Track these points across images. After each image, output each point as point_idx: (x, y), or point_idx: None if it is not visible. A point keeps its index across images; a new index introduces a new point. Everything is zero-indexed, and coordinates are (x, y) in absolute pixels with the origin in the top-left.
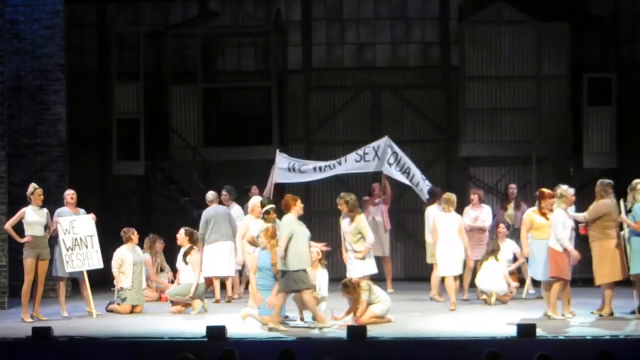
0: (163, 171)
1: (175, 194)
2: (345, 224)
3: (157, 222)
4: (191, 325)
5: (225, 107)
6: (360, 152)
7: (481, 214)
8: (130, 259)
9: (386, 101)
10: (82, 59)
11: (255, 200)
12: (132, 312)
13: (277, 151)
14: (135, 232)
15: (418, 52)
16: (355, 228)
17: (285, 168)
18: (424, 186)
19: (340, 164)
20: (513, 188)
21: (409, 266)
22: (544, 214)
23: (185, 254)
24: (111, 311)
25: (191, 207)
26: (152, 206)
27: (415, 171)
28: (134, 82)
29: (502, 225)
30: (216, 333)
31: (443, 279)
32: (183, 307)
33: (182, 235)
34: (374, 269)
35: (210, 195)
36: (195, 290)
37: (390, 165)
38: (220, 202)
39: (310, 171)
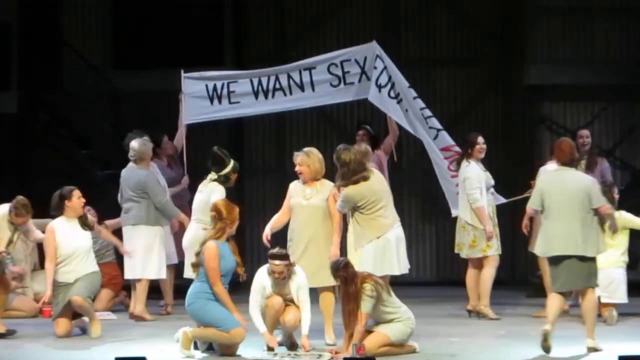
0: (49, 107)
1: (66, 142)
2: None
3: (37, 185)
4: (89, 355)
5: (146, 10)
6: (338, 70)
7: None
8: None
9: None
10: None
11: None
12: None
13: (182, 72)
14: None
15: None
16: None
17: (202, 94)
18: (423, 132)
19: (302, 87)
20: (584, 136)
21: (441, 263)
22: None
23: None
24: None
25: (93, 163)
26: (29, 161)
27: (409, 105)
28: None
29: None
30: None
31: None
32: (73, 325)
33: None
34: (391, 269)
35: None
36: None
37: (381, 88)
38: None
39: (248, 96)
